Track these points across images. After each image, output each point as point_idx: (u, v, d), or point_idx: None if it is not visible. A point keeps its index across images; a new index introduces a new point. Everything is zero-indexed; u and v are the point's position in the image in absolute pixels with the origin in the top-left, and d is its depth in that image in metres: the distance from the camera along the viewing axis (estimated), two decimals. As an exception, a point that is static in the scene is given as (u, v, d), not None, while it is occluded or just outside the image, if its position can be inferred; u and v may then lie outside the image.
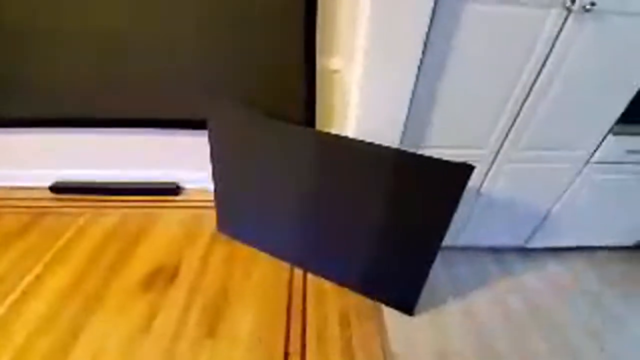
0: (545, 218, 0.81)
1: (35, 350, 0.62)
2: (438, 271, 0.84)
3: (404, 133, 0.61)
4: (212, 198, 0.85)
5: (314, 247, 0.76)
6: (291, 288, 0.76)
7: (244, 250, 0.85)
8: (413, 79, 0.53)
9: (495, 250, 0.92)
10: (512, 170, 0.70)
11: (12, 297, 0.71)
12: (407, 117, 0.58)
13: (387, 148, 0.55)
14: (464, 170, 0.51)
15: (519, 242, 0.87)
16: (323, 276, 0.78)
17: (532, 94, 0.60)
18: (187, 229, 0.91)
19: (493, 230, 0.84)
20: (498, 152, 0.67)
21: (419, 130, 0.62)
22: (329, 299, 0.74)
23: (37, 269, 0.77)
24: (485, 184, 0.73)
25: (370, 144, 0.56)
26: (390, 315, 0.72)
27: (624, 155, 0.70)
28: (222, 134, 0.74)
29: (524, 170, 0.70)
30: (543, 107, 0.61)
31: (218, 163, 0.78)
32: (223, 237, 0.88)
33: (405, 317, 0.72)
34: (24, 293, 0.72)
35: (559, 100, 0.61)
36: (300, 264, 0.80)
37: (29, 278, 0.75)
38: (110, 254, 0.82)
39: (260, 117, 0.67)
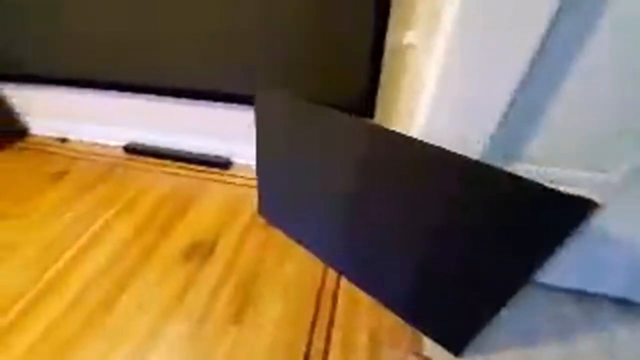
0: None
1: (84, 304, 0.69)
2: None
3: (490, 138, 0.46)
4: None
5: (354, 253, 0.68)
6: (322, 289, 0.70)
7: (280, 239, 0.81)
8: (522, 68, 0.37)
9: (583, 295, 0.71)
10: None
11: (81, 241, 0.81)
12: (500, 119, 0.43)
13: (472, 161, 0.41)
14: (583, 208, 0.35)
15: (620, 292, 0.65)
16: (358, 285, 0.70)
17: None
18: (231, 205, 0.91)
19: (592, 271, 0.63)
20: (633, 179, 0.47)
21: (513, 138, 0.46)
22: (361, 311, 0.67)
23: (100, 223, 0.86)
24: (600, 218, 0.53)
25: (445, 150, 0.43)
26: (433, 347, 0.61)
27: None
28: (268, 115, 0.68)
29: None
30: None
31: (262, 144, 0.73)
32: (261, 221, 0.86)
33: (449, 356, 0.61)
34: (91, 241, 0.81)
35: None
36: (335, 267, 0.73)
37: (91, 231, 0.84)
38: (160, 218, 0.87)
39: (309, 104, 0.59)
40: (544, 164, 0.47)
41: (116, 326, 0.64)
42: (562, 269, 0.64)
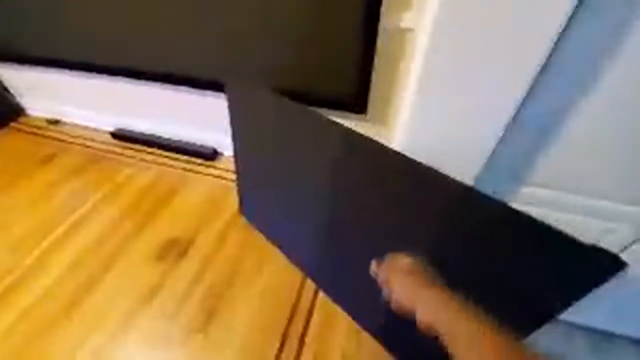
0: None
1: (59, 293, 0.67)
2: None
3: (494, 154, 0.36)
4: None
5: (334, 267, 0.61)
6: (297, 304, 0.65)
7: (260, 241, 0.75)
8: (531, 70, 0.26)
9: (601, 335, 0.61)
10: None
11: (65, 225, 0.79)
12: (502, 132, 0.33)
13: (456, 182, 0.33)
14: (607, 264, 0.27)
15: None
16: (335, 302, 0.64)
17: None
18: (213, 200, 0.86)
19: (617, 312, 0.53)
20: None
21: (523, 154, 0.36)
22: (337, 331, 0.61)
23: (81, 212, 0.83)
24: (625, 254, 0.43)
25: (435, 171, 0.34)
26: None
27: None
28: (243, 109, 0.60)
29: None
30: None
31: (238, 140, 0.66)
32: (243, 221, 0.80)
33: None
34: (70, 230, 0.79)
35: None
36: (313, 279, 0.67)
37: (72, 220, 0.82)
38: (141, 211, 0.84)
39: (286, 99, 0.50)
40: (561, 189, 0.37)
41: (92, 315, 0.63)
42: (586, 308, 0.54)
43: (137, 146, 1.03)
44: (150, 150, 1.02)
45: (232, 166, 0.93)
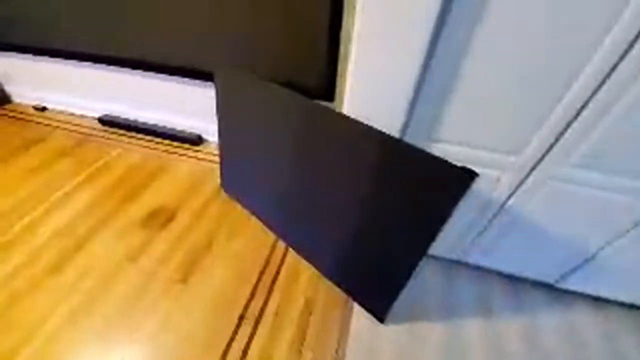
0: (588, 259, 0.62)
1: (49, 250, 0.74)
2: (435, 284, 0.74)
3: (410, 119, 0.50)
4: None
5: (298, 224, 0.73)
6: (269, 260, 0.75)
7: (238, 212, 0.85)
8: (421, 56, 0.41)
9: (513, 280, 0.76)
10: (554, 190, 0.54)
11: (50, 202, 0.85)
12: (412, 102, 0.47)
13: (376, 132, 0.47)
14: (463, 177, 0.40)
15: (546, 277, 0.71)
16: (302, 256, 0.75)
17: (602, 91, 0.43)
18: (196, 179, 0.95)
19: (515, 256, 0.68)
20: (537, 163, 0.51)
21: (431, 119, 0.50)
22: (301, 281, 0.72)
23: (71, 185, 0.90)
24: (513, 199, 0.58)
25: (359, 124, 0.49)
26: (360, 316, 0.67)
27: None
28: (227, 92, 0.71)
29: (570, 193, 0.53)
30: (617, 112, 0.43)
31: (222, 120, 0.77)
32: (224, 195, 0.90)
33: (375, 323, 0.66)
34: (60, 200, 0.85)
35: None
36: (283, 238, 0.78)
37: (62, 192, 0.88)
38: (127, 186, 0.92)
39: (263, 81, 0.63)
40: (459, 145, 0.52)
41: (83, 268, 0.71)
42: (488, 252, 0.69)
43: (124, 131, 1.10)
44: (136, 135, 1.09)
45: (215, 151, 1.04)
